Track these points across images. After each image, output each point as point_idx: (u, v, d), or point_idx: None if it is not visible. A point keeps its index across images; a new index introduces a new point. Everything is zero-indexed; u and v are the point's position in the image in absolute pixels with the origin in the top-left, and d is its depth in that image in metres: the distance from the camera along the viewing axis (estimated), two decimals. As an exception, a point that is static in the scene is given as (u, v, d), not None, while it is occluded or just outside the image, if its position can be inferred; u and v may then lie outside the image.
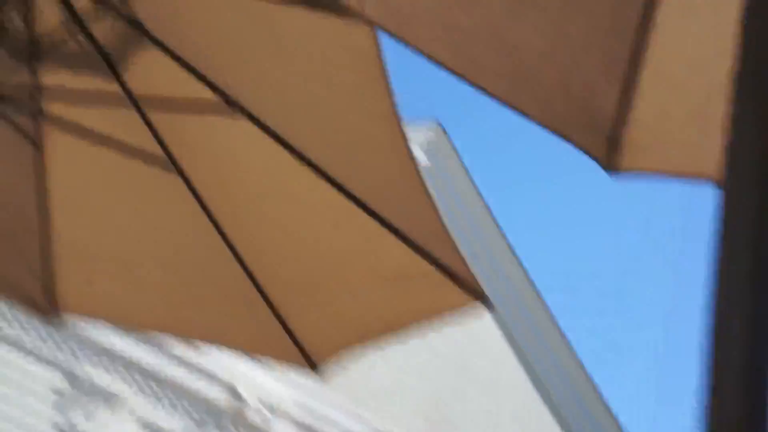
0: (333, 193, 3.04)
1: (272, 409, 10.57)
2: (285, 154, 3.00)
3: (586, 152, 2.15)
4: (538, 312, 12.77)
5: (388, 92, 2.60)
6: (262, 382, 10.26)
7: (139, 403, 9.88)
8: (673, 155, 2.04)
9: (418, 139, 11.52)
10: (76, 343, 9.47)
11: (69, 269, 3.63)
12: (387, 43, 2.47)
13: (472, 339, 12.12)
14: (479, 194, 12.27)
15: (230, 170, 3.22)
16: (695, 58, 1.94)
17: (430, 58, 2.21)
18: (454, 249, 3.02)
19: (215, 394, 10.26)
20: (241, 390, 10.25)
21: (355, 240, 3.22)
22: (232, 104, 2.94)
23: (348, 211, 3.10)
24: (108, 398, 9.72)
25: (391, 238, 3.10)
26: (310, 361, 3.63)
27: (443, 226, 2.96)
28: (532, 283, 12.64)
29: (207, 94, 2.95)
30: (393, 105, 2.63)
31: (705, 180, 1.95)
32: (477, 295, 3.09)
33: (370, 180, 3.02)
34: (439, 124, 12.02)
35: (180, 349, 9.78)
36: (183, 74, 2.93)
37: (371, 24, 2.43)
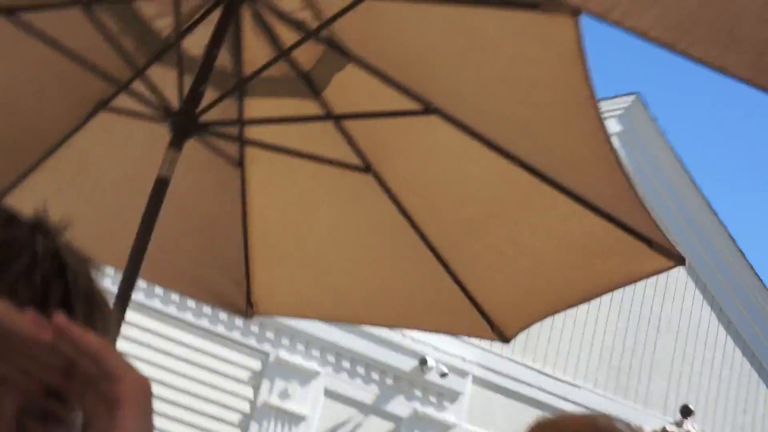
0: (525, 175, 3.23)
1: (458, 372, 10.99)
2: (478, 146, 3.21)
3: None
4: (739, 268, 12.98)
5: (586, 78, 2.76)
6: (447, 348, 10.66)
7: (333, 379, 10.45)
8: None
9: (617, 110, 12.05)
10: (272, 330, 10.00)
11: (267, 273, 3.90)
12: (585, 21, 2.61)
13: (661, 291, 12.46)
14: (678, 158, 12.67)
15: (425, 168, 3.42)
16: None
17: (635, 31, 2.33)
18: (646, 214, 3.16)
19: (403, 364, 10.73)
20: (428, 358, 10.71)
21: (544, 215, 3.39)
22: (429, 110, 3.15)
23: (536, 188, 3.27)
24: (303, 378, 10.26)
25: (580, 209, 3.27)
26: (501, 335, 3.83)
27: (635, 193, 3.11)
28: (733, 241, 12.91)
29: (405, 103, 3.16)
30: (590, 90, 2.79)
31: None
32: (672, 257, 3.25)
33: (564, 160, 3.18)
34: (638, 95, 12.47)
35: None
36: (382, 87, 3.15)
37: (575, 11, 2.58)
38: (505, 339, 3.84)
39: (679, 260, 3.25)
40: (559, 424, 1.38)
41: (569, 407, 11.55)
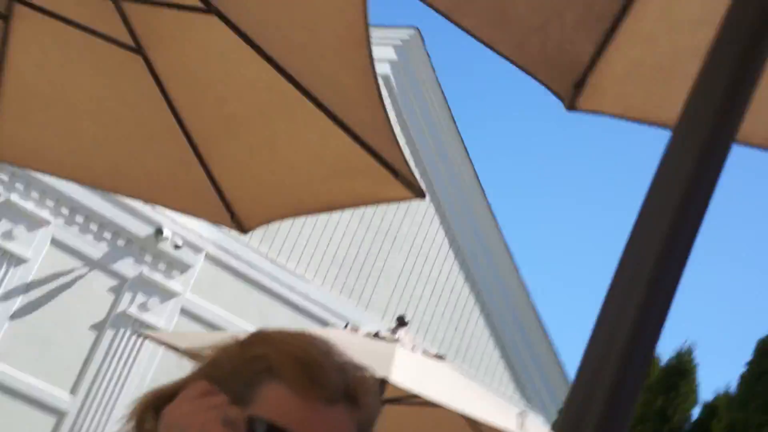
0: (292, 89, 3.30)
1: (193, 247, 10.99)
2: (252, 53, 3.25)
3: (552, 90, 2.49)
4: (480, 210, 13.46)
5: (364, 18, 2.82)
6: (185, 223, 10.62)
7: (63, 231, 10.22)
8: (635, 102, 2.41)
9: (396, 40, 12.11)
10: (8, 173, 9.71)
11: (14, 124, 3.82)
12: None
13: (403, 211, 12.83)
14: (444, 97, 12.89)
15: (195, 61, 3.43)
16: (675, 21, 2.28)
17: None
18: (397, 148, 3.31)
19: (139, 229, 10.61)
20: (165, 228, 10.62)
21: (303, 128, 3.48)
22: (210, 10, 3.15)
23: (300, 103, 3.36)
24: (32, 224, 9.99)
25: (337, 130, 3.38)
26: (240, 226, 3.93)
27: (390, 128, 3.24)
28: (478, 180, 13.31)
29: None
30: (366, 29, 2.87)
31: (663, 126, 2.33)
32: (413, 189, 3.42)
33: (326, 79, 3.27)
34: (418, 30, 12.56)
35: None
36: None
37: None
38: (243, 230, 3.94)
39: (419, 193, 3.42)
40: (274, 335, 1.45)
41: (294, 297, 11.85)
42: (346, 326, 6.21)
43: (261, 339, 1.45)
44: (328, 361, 1.41)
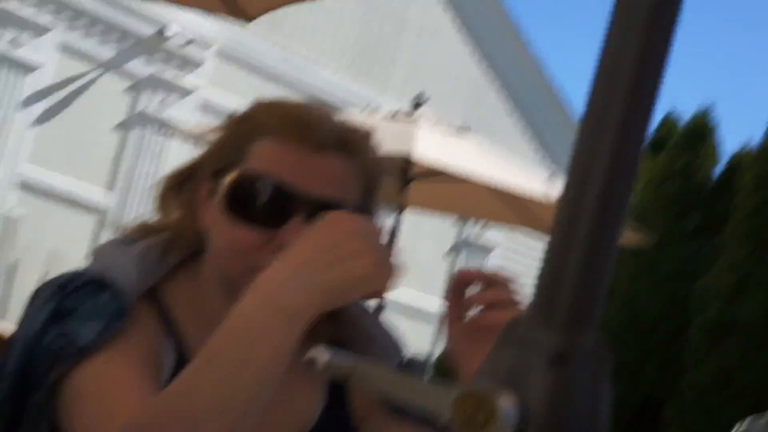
0: None
1: (201, 44, 10.85)
2: None
3: None
4: None
5: None
6: (190, 18, 10.41)
7: (67, 35, 10.11)
8: None
9: None
10: None
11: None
12: None
13: None
14: None
15: None
16: None
17: None
18: None
19: (144, 29, 10.50)
20: (170, 25, 10.45)
21: None
22: None
23: None
24: (36, 30, 9.88)
25: None
26: (244, 13, 3.81)
27: None
28: None
29: None
30: None
31: None
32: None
33: None
34: None
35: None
36: None
37: None
38: (248, 17, 3.82)
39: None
40: (268, 100, 1.43)
41: (310, 84, 11.76)
42: (364, 109, 6.13)
43: (254, 105, 1.44)
44: (318, 112, 1.39)
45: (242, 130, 1.39)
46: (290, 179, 1.33)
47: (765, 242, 9.26)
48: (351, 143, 1.38)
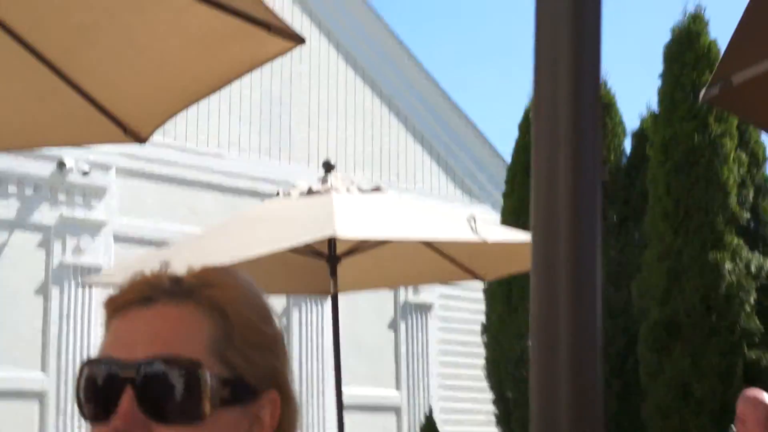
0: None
1: (100, 168, 10.62)
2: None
3: None
4: (376, 27, 13.25)
5: None
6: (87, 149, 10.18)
7: None
8: None
9: None
10: None
11: None
12: None
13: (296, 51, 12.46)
14: None
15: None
16: None
17: None
18: (260, 1, 3.13)
19: (41, 170, 10.30)
20: (66, 159, 10.28)
21: (160, 13, 3.28)
22: None
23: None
24: None
25: (193, 4, 3.19)
26: (137, 136, 3.76)
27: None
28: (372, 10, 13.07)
29: None
30: None
31: None
32: (291, 37, 3.25)
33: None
34: None
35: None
36: None
37: None
38: (141, 139, 3.78)
39: (298, 39, 3.26)
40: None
41: (217, 178, 11.60)
42: (278, 194, 6.10)
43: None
44: (133, 276, 1.31)
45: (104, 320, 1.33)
46: (110, 352, 1.26)
47: (687, 216, 8.67)
48: (182, 288, 1.28)
